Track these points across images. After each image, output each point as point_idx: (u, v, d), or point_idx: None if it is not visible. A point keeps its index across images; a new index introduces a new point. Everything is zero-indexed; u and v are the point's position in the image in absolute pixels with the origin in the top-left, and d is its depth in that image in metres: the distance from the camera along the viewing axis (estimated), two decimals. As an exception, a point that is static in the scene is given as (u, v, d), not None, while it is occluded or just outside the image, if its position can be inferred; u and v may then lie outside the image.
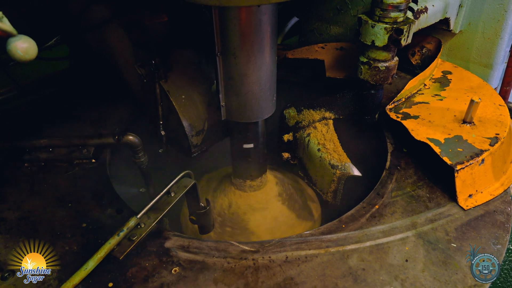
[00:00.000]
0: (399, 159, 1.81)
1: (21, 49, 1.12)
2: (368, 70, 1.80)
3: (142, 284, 1.32)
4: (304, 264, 1.38)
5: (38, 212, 1.60)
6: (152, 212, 1.55)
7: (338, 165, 1.86)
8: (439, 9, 2.01)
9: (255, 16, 1.50)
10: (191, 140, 1.95)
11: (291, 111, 2.09)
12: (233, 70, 1.63)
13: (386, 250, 1.42)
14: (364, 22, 1.71)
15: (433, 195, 1.64)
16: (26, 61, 1.14)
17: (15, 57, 1.13)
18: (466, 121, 1.77)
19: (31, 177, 1.76)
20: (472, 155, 1.61)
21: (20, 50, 1.12)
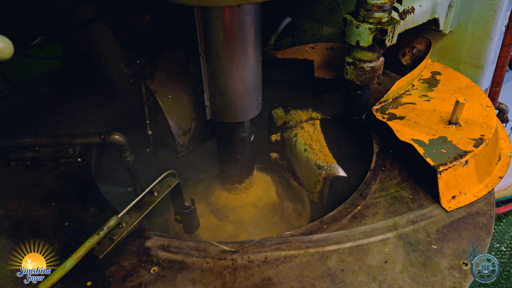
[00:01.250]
0: (384, 160, 1.81)
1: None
2: (353, 71, 1.79)
3: (120, 283, 1.32)
4: (283, 264, 1.38)
5: (21, 210, 1.61)
6: (134, 212, 1.55)
7: (324, 166, 1.86)
8: (427, 10, 2.00)
9: (237, 16, 1.50)
10: (178, 139, 1.95)
11: (279, 111, 2.08)
12: (216, 70, 1.63)
13: (366, 251, 1.42)
14: (349, 22, 1.70)
15: (416, 196, 1.63)
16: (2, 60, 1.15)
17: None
18: (451, 122, 1.77)
19: (17, 175, 1.77)
20: (455, 156, 1.60)
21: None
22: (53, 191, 1.69)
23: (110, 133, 1.87)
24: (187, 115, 1.96)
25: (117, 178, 2.04)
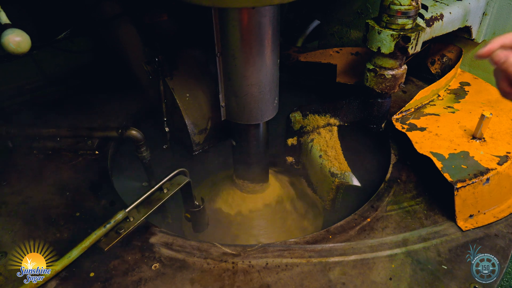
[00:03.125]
0: (401, 172, 1.74)
1: (13, 42, 1.16)
2: (374, 78, 1.73)
3: (121, 276, 1.34)
4: (283, 272, 1.35)
5: (38, 198, 1.67)
6: (142, 207, 1.58)
7: (338, 174, 1.81)
8: (457, 17, 1.90)
9: (254, 18, 1.48)
10: (193, 138, 1.97)
11: (296, 115, 2.05)
12: (232, 71, 1.63)
13: (371, 265, 1.37)
14: (371, 27, 1.65)
15: (431, 212, 1.56)
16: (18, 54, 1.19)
17: (7, 49, 1.18)
18: (475, 137, 1.67)
19: (37, 164, 1.84)
20: (476, 173, 1.51)
21: (12, 43, 1.16)
22: (69, 181, 1.75)
23: (127, 128, 1.91)
24: (204, 115, 1.97)
25: (133, 172, 2.09)
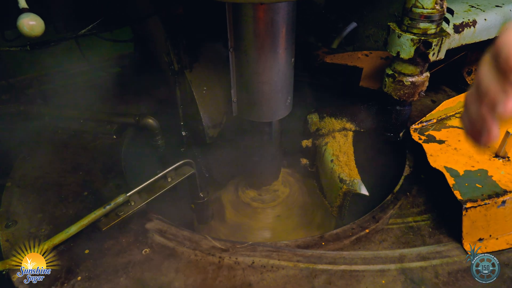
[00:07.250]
0: (412, 185, 1.64)
1: (27, 26, 1.24)
2: (392, 83, 1.65)
3: (112, 257, 1.40)
4: (268, 273, 1.33)
5: (54, 175, 1.78)
6: (145, 193, 1.62)
7: (346, 180, 1.74)
8: (494, 24, 1.75)
9: (267, 15, 1.47)
10: (207, 131, 1.99)
11: (314, 116, 2.01)
12: (243, 67, 1.62)
13: (360, 278, 1.31)
14: (392, 30, 1.57)
15: (436, 230, 1.46)
16: (32, 37, 1.27)
17: (22, 32, 1.26)
18: (498, 155, 1.54)
19: (60, 143, 1.96)
20: (491, 194, 1.39)
21: (26, 26, 1.24)
22: (84, 162, 1.84)
23: (144, 116, 1.98)
24: (219, 109, 1.99)
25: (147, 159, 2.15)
